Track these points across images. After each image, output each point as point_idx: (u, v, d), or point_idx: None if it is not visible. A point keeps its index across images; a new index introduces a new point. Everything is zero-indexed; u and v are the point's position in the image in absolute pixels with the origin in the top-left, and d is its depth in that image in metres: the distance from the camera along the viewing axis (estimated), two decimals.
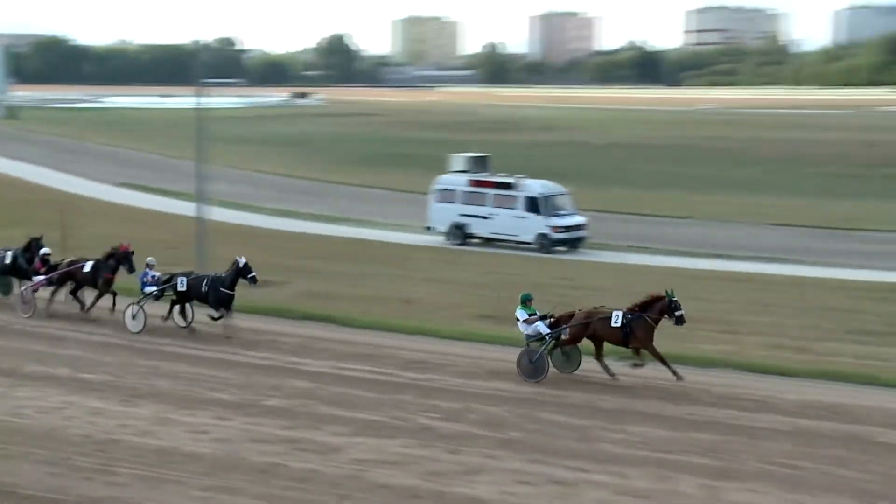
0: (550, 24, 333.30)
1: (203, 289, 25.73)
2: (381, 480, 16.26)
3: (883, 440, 18.76)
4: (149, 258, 26.95)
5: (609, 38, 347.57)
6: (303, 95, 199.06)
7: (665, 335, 22.27)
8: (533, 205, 41.65)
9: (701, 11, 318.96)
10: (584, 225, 42.31)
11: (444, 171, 45.09)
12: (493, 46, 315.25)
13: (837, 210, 55.50)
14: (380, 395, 21.00)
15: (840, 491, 16.21)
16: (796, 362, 23.91)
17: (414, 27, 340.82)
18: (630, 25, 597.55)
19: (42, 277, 27.78)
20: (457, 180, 44.21)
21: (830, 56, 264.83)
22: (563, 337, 22.43)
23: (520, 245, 42.09)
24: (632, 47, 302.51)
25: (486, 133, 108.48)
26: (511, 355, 22.76)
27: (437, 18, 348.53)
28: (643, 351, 22.17)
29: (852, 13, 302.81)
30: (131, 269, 26.98)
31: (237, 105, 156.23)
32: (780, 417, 20.02)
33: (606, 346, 22.39)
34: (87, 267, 27.38)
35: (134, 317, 26.01)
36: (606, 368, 22.27)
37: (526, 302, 22.90)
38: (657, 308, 22.16)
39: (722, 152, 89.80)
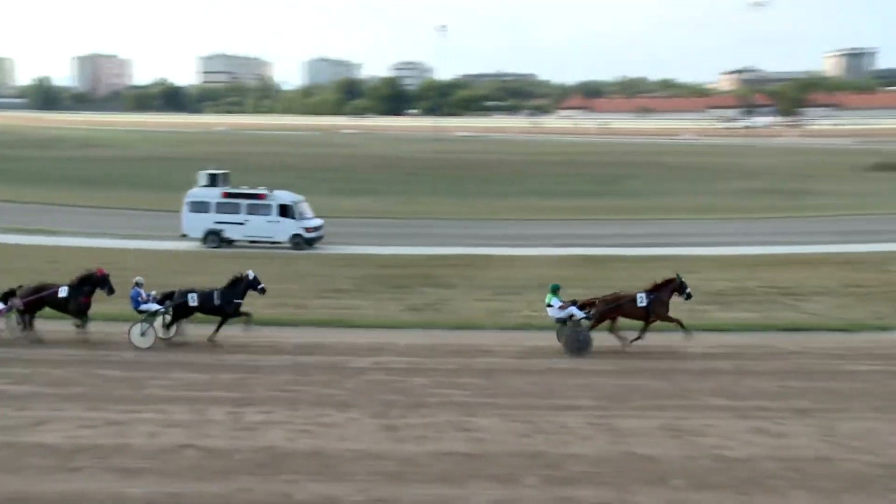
0: (93, 62, 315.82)
1: (216, 302, 21.26)
2: None
3: (353, 366, 19.50)
4: (137, 277, 21.60)
5: (141, 74, 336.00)
6: None
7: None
8: (286, 211, 38.51)
9: (210, 57, 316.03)
10: (323, 226, 39.72)
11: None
12: (42, 80, 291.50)
13: (343, 204, 56.73)
14: None
15: (325, 405, 16.67)
16: (295, 315, 24.22)
17: None
18: (157, 65, 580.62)
19: (8, 304, 21.11)
20: (209, 193, 39.62)
21: (305, 93, 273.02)
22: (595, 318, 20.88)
23: (274, 245, 38.48)
24: (159, 83, 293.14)
25: (36, 149, 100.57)
26: (66, 326, 21.18)
27: None
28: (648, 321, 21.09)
29: (315, 63, 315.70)
30: (111, 291, 21.59)
31: None
32: (284, 356, 20.23)
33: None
34: (63, 292, 21.31)
35: (143, 334, 20.74)
36: (621, 338, 21.02)
37: (556, 291, 20.99)
38: (670, 288, 21.26)
39: (233, 163, 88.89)
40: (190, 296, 21.30)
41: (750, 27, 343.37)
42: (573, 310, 20.97)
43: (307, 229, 38.70)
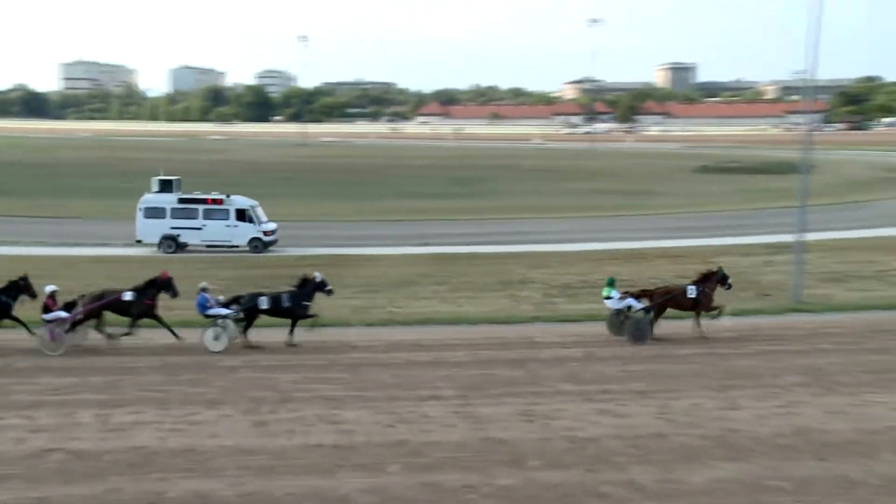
0: None
1: (285, 304, 20.86)
2: None
3: (222, 364, 19.05)
4: (203, 283, 21.14)
5: None
6: None
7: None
8: (243, 215, 37.15)
9: (72, 64, 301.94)
10: (277, 230, 38.17)
11: None
12: None
13: None
14: None
15: (196, 403, 16.24)
16: (165, 317, 23.29)
17: None
18: (16, 71, 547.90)
19: (73, 312, 20.21)
20: (165, 198, 37.48)
21: (170, 100, 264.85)
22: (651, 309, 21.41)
23: (231, 248, 36.81)
24: (19, 88, 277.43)
25: None
26: None
27: None
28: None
29: (180, 70, 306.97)
30: (175, 294, 21.05)
31: None
32: (154, 357, 19.55)
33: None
34: (129, 296, 20.61)
35: (217, 338, 20.18)
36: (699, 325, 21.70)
37: (612, 284, 21.68)
38: (714, 280, 21.87)
39: (100, 168, 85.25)
40: (260, 299, 20.86)
41: (590, 41, 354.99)
42: (631, 301, 21.50)
43: (265, 233, 37.52)
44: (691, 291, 21.66)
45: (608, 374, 18.39)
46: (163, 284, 21.03)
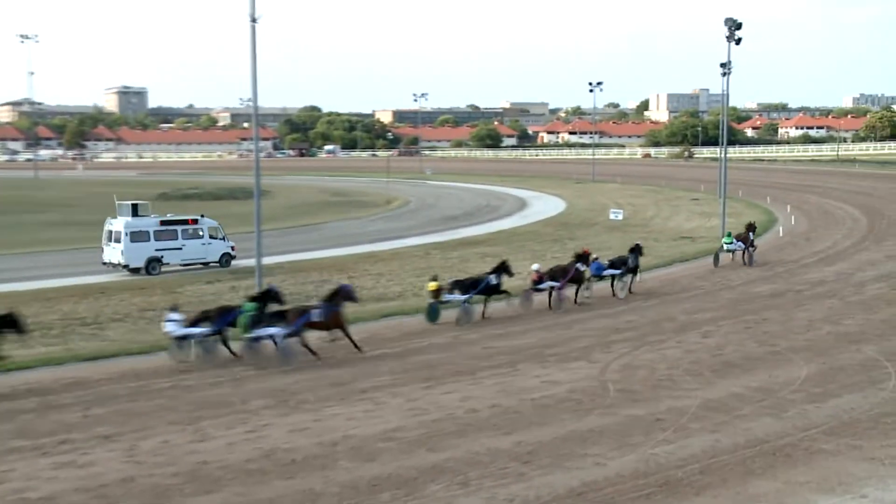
0: None
1: (632, 264, 30.63)
2: None
3: None
4: (595, 255, 30.42)
5: None
6: None
7: None
8: (215, 233, 39.60)
9: None
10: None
11: None
12: None
13: None
14: None
15: None
16: None
17: None
18: None
19: (558, 283, 28.05)
20: (146, 222, 38.32)
21: None
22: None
23: (206, 265, 39.14)
24: None
25: None
26: None
27: None
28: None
29: None
30: (588, 265, 29.02)
31: None
32: None
33: None
34: (582, 267, 28.56)
35: (622, 289, 29.82)
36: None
37: (731, 235, 37.74)
38: (750, 230, 38.29)
39: None
40: (630, 258, 30.34)
41: (26, 59, 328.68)
42: (739, 244, 37.37)
43: (233, 248, 39.80)
44: (751, 235, 37.94)
45: (69, 422, 17.20)
46: (583, 258, 28.83)
